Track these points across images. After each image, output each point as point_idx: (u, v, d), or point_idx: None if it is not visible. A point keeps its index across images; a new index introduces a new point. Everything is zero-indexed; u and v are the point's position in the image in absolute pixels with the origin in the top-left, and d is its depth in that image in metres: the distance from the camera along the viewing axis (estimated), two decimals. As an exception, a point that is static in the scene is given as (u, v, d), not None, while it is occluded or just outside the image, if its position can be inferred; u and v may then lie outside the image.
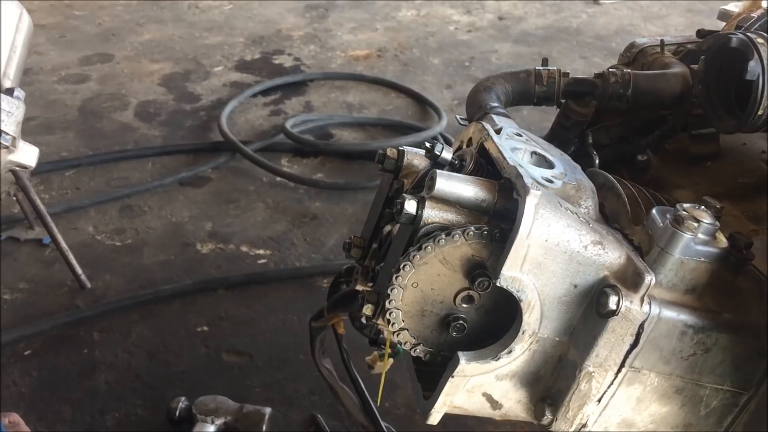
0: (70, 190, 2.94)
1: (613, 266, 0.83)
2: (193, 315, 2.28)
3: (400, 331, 0.88)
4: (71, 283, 2.37)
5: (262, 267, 2.52)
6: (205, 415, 1.79)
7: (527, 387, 0.90)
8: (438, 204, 0.82)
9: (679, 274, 0.86)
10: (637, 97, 1.39)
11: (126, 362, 2.10)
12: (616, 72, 1.40)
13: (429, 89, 3.84)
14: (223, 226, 2.71)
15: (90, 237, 2.65)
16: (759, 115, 1.11)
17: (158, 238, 2.65)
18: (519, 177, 0.80)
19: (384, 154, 1.01)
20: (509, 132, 0.95)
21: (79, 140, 3.29)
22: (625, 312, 0.82)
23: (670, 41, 1.55)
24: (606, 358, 0.85)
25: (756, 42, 1.10)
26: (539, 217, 0.78)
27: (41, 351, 2.13)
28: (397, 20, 4.84)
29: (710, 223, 0.85)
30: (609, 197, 0.98)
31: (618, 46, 4.01)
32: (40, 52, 4.14)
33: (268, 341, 2.18)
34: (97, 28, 4.51)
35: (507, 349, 0.85)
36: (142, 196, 2.88)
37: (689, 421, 0.93)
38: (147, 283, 2.41)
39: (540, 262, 0.80)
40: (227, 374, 2.07)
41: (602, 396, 0.88)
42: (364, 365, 1.26)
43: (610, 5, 5.21)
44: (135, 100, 3.66)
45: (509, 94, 1.41)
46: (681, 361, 0.88)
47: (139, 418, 1.92)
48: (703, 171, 1.34)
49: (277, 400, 1.96)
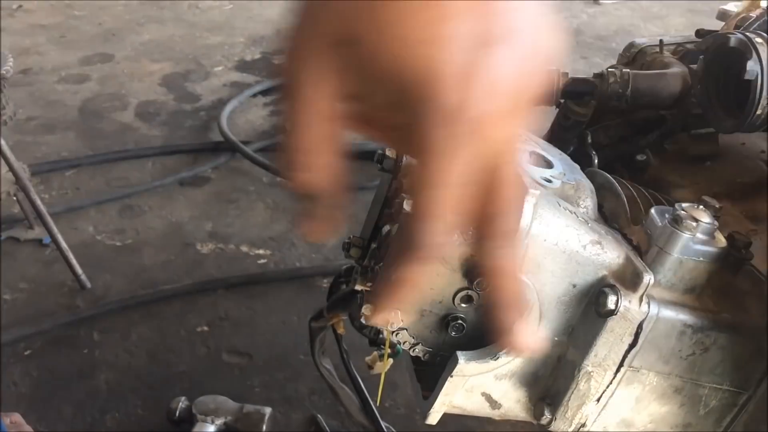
0: (70, 190, 2.94)
1: (611, 266, 0.83)
2: (193, 315, 2.28)
3: (399, 331, 0.88)
4: (71, 283, 2.37)
5: (262, 267, 2.52)
6: (205, 415, 1.79)
7: (526, 387, 0.90)
8: (437, 204, 0.82)
9: (677, 274, 0.86)
10: (636, 96, 1.39)
11: (126, 362, 2.10)
12: (615, 72, 1.40)
13: (429, 89, 3.84)
14: (223, 226, 2.71)
15: (90, 237, 2.65)
16: (758, 114, 1.11)
17: (158, 238, 2.65)
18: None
19: (383, 154, 1.01)
20: (508, 132, 0.95)
21: (79, 140, 3.29)
22: (623, 312, 0.82)
23: (669, 41, 1.55)
24: (605, 358, 0.85)
25: (755, 42, 1.10)
26: (538, 217, 0.78)
27: (41, 351, 2.13)
28: (397, 20, 4.84)
29: (709, 223, 0.85)
30: (608, 197, 0.98)
31: (618, 46, 4.00)
32: (40, 52, 4.14)
33: (268, 341, 2.18)
34: (97, 28, 4.51)
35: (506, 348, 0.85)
36: (142, 196, 2.88)
37: (688, 421, 0.94)
38: (147, 283, 2.42)
39: (539, 261, 0.80)
40: (227, 374, 2.07)
41: (601, 395, 0.88)
42: (364, 365, 1.26)
43: (610, 5, 5.21)
44: (135, 100, 3.66)
45: (508, 94, 1.40)
46: (680, 360, 0.88)
47: (139, 418, 1.92)
48: (702, 171, 1.34)
49: (277, 400, 1.96)
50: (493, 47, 0.45)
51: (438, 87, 0.45)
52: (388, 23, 0.44)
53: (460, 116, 0.45)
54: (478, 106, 0.45)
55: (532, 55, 0.47)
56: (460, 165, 0.47)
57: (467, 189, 0.49)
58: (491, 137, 0.48)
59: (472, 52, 0.44)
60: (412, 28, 0.44)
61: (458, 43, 0.44)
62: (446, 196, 0.48)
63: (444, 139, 0.46)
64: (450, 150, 0.46)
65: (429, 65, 0.44)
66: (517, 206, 0.54)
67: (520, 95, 0.48)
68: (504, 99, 0.47)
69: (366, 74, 0.47)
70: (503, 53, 0.46)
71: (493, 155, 0.49)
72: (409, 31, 0.44)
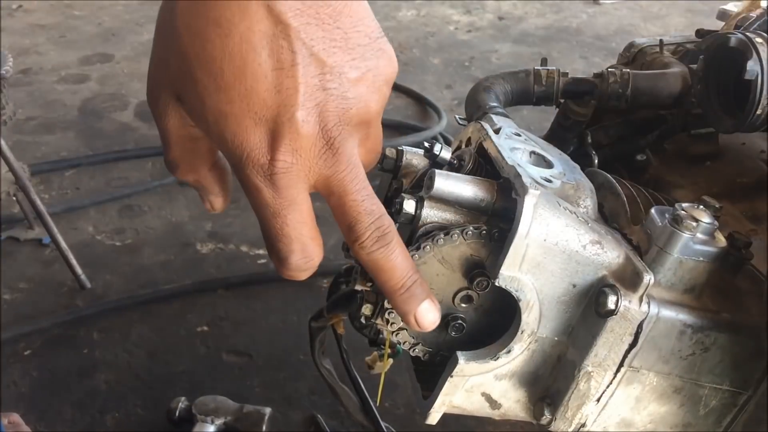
0: (70, 190, 2.94)
1: (611, 266, 0.83)
2: (193, 315, 2.28)
3: (399, 331, 0.88)
4: (71, 283, 2.37)
5: (262, 267, 2.52)
6: (205, 415, 1.79)
7: (526, 387, 0.90)
8: (437, 204, 0.82)
9: (677, 274, 0.86)
10: (636, 96, 1.39)
11: (126, 362, 2.10)
12: (615, 72, 1.40)
13: (429, 89, 3.84)
14: (223, 226, 2.71)
15: (90, 237, 2.65)
16: (758, 114, 1.11)
17: (158, 238, 2.65)
18: (518, 176, 0.80)
19: (383, 153, 1.01)
20: (508, 132, 0.95)
21: (79, 140, 3.30)
22: (623, 311, 0.82)
23: (669, 41, 1.55)
24: (605, 358, 0.85)
25: (755, 41, 1.10)
26: (538, 217, 0.78)
27: (41, 351, 2.13)
28: (397, 20, 4.84)
29: (709, 223, 0.85)
30: (608, 197, 0.98)
31: (618, 46, 4.01)
32: (40, 52, 4.14)
33: (268, 341, 2.18)
34: (97, 28, 4.52)
35: (506, 348, 0.85)
36: (142, 196, 2.88)
37: (688, 421, 0.93)
38: (147, 283, 2.42)
39: (539, 261, 0.80)
40: (227, 374, 2.07)
41: (601, 395, 0.88)
42: (364, 365, 1.26)
43: (610, 5, 5.22)
44: (135, 100, 3.66)
45: (508, 94, 1.41)
46: (680, 360, 0.88)
47: (139, 418, 1.92)
48: (702, 171, 1.34)
49: (277, 400, 1.96)
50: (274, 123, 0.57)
51: (232, 148, 0.58)
52: (201, 95, 0.56)
53: (251, 168, 0.58)
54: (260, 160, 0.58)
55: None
56: (269, 198, 0.59)
57: (297, 210, 0.60)
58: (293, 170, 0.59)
59: (258, 125, 0.57)
60: (217, 102, 0.56)
61: (248, 119, 0.56)
62: (277, 220, 0.60)
63: (245, 183, 0.59)
64: (254, 191, 0.59)
65: (225, 134, 0.57)
66: (370, 211, 0.63)
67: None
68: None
69: (194, 122, 0.60)
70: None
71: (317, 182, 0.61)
72: (215, 104, 0.56)
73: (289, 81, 0.56)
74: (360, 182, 0.62)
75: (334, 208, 0.63)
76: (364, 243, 0.64)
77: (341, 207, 0.63)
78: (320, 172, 0.60)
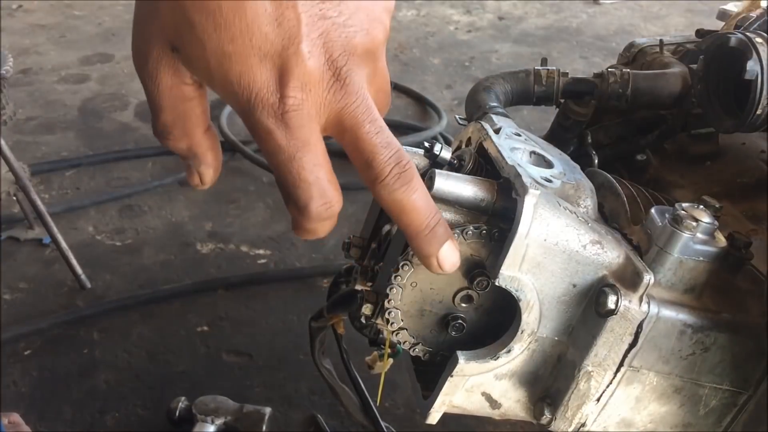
0: (70, 190, 2.95)
1: (612, 266, 0.83)
2: (193, 315, 2.28)
3: (399, 331, 0.88)
4: (71, 283, 2.37)
5: (262, 267, 2.52)
6: (205, 415, 1.80)
7: (526, 386, 0.90)
8: (437, 203, 0.82)
9: (677, 274, 0.86)
10: (636, 96, 1.39)
11: (126, 362, 2.10)
12: (615, 72, 1.40)
13: (429, 89, 3.84)
14: (223, 226, 2.71)
15: (90, 237, 2.65)
16: (758, 114, 1.11)
17: (158, 238, 2.65)
18: (518, 176, 0.80)
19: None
20: (508, 132, 0.95)
21: (79, 140, 3.30)
22: (623, 311, 0.82)
23: (669, 41, 1.55)
24: (605, 358, 0.85)
25: (755, 41, 1.10)
26: (538, 217, 0.78)
27: (41, 351, 2.13)
28: (397, 20, 4.84)
29: (709, 223, 0.85)
30: (608, 197, 0.98)
31: (618, 46, 4.01)
32: (40, 52, 4.14)
33: (268, 341, 2.19)
34: (97, 28, 4.52)
35: (506, 348, 0.85)
36: (142, 196, 2.88)
37: (688, 421, 0.93)
38: (147, 283, 2.42)
39: (539, 261, 0.80)
40: (227, 374, 2.07)
41: (601, 395, 0.88)
42: (364, 365, 1.26)
43: (610, 5, 5.22)
44: (135, 100, 3.66)
45: (508, 93, 1.41)
46: (680, 360, 0.88)
47: (139, 418, 1.92)
48: (702, 171, 1.34)
49: (277, 400, 1.97)
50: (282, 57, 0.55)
51: (239, 90, 0.55)
52: (200, 38, 0.53)
53: (261, 111, 0.55)
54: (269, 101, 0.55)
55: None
56: (282, 140, 0.56)
57: (312, 151, 0.57)
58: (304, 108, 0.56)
59: (264, 62, 0.54)
60: (218, 42, 0.53)
61: (252, 57, 0.54)
62: (293, 164, 0.57)
63: (256, 127, 0.56)
64: (266, 135, 0.56)
65: (230, 76, 0.55)
66: (387, 143, 0.60)
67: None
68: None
69: (194, 72, 0.57)
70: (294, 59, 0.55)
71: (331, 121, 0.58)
72: (216, 46, 0.53)
73: (289, 12, 0.54)
74: (372, 114, 0.59)
75: (348, 145, 0.60)
76: (385, 181, 0.60)
77: (355, 142, 0.59)
78: (331, 107, 0.57)
